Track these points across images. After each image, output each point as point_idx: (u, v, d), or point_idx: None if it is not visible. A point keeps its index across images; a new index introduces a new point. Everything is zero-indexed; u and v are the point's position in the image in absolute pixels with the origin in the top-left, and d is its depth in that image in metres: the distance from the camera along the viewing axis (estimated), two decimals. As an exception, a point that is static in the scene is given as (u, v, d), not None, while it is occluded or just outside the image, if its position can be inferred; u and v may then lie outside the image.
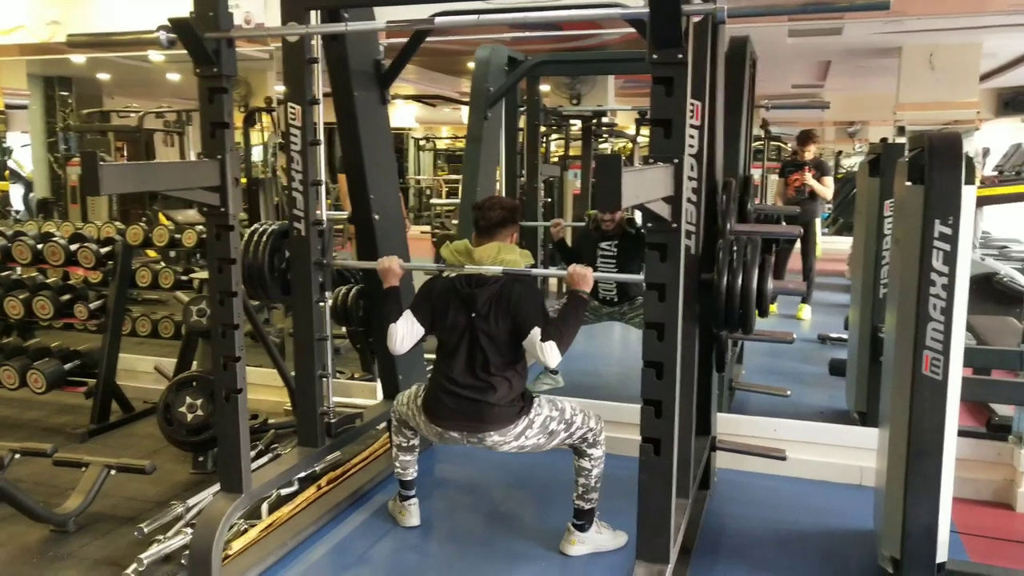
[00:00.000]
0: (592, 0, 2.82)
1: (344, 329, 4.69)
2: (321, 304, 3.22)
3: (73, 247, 4.45)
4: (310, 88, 3.02)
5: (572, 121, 8.41)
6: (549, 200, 7.41)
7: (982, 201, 2.41)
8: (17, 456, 3.17)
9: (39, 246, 4.47)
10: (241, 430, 2.70)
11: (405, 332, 2.90)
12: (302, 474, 3.43)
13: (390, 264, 3.01)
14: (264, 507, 3.22)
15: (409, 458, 3.18)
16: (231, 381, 2.65)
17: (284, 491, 3.37)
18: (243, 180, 6.42)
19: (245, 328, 2.72)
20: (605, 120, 8.58)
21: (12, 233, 4.66)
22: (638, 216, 4.82)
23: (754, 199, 4.34)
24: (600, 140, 9.02)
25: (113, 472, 3.29)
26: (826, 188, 6.70)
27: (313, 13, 2.97)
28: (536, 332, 2.72)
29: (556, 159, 9.25)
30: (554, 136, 9.27)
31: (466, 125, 5.30)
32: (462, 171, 5.27)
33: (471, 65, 5.09)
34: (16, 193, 8.36)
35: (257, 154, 8.46)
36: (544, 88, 7.38)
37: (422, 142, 15.36)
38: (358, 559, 3.01)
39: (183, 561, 2.81)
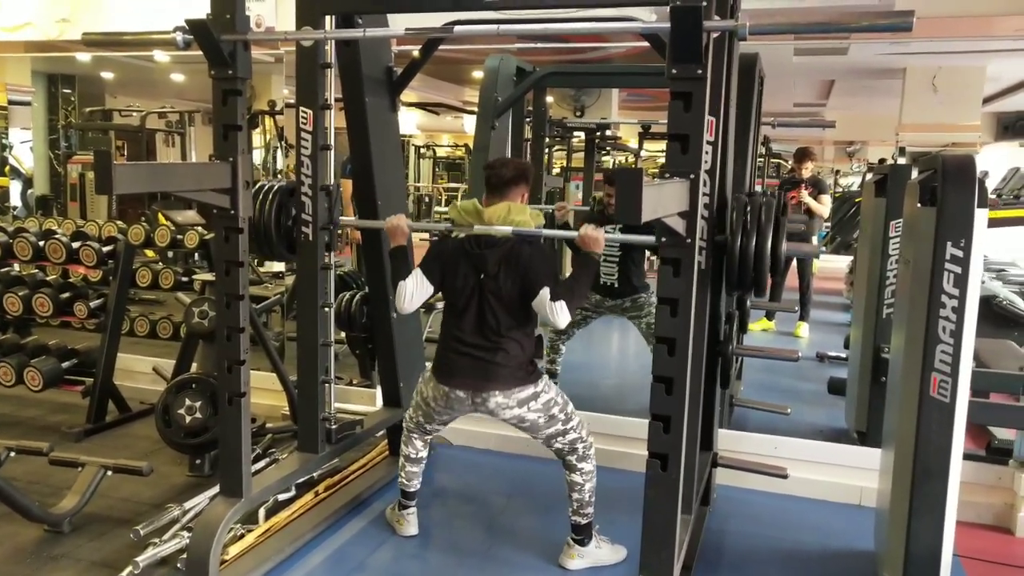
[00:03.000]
0: (609, 15, 2.82)
1: (343, 334, 4.68)
2: (326, 309, 3.21)
3: (75, 245, 4.42)
4: (322, 93, 3.01)
5: (575, 133, 8.43)
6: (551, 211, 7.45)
7: (990, 224, 2.41)
8: (12, 454, 3.14)
9: (41, 243, 4.44)
10: (243, 434, 2.68)
11: (414, 290, 2.88)
12: (300, 480, 3.41)
13: (398, 222, 2.99)
14: (261, 512, 3.20)
15: (416, 470, 3.17)
16: (235, 384, 2.64)
17: (281, 496, 3.34)
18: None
19: (249, 331, 2.70)
20: (608, 133, 8.60)
21: (14, 229, 4.63)
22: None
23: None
24: (603, 153, 9.05)
25: (109, 473, 3.26)
26: (823, 206, 6.69)
27: (328, 18, 2.96)
28: (546, 292, 2.73)
29: (558, 170, 9.26)
30: (556, 147, 9.29)
31: (467, 133, 5.30)
32: (468, 180, 5.27)
33: (476, 74, 5.09)
34: (14, 189, 8.30)
35: (257, 157, 8.44)
36: (548, 99, 7.41)
37: (422, 149, 15.36)
38: (356, 567, 2.99)
39: (179, 565, 2.79)
